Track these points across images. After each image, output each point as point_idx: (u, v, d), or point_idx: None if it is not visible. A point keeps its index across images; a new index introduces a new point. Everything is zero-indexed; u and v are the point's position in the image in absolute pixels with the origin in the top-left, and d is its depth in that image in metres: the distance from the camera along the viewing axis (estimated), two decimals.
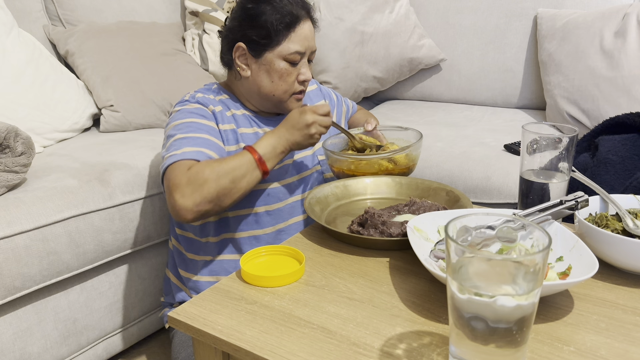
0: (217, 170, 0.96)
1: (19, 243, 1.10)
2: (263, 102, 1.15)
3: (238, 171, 0.98)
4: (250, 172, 0.99)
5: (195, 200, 0.95)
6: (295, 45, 1.09)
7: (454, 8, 1.96)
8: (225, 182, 0.97)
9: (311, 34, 1.12)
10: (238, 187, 0.99)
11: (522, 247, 0.56)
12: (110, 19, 1.85)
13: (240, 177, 0.98)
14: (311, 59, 1.15)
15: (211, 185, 0.95)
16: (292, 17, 1.08)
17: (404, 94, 2.11)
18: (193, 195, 0.95)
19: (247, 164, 0.99)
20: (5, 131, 1.14)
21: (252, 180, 1.00)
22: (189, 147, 1.01)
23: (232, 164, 0.98)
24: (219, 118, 1.12)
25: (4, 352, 1.14)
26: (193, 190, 0.95)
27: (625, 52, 1.50)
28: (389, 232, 0.87)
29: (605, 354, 0.62)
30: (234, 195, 0.99)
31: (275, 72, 1.10)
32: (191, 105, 1.11)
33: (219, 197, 0.97)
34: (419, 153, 1.17)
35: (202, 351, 0.74)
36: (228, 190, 0.97)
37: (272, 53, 1.09)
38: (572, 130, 0.88)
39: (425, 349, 0.64)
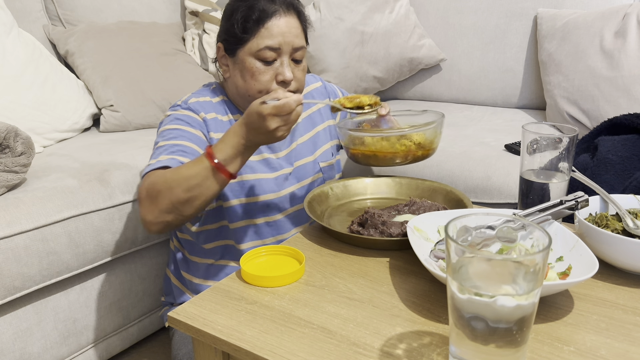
0: (169, 181, 0.92)
1: (18, 243, 1.10)
2: (244, 102, 1.10)
3: (193, 180, 0.91)
4: (208, 179, 0.91)
5: (154, 213, 0.93)
6: (265, 40, 1.02)
7: (454, 8, 1.96)
8: (179, 192, 0.91)
9: (290, 30, 1.04)
10: (196, 196, 0.92)
11: (522, 247, 0.56)
12: (110, 19, 1.85)
13: (196, 185, 0.91)
14: (296, 57, 1.07)
15: (165, 196, 0.92)
16: (261, 12, 1.02)
17: (404, 94, 2.11)
18: (151, 208, 0.93)
19: (203, 172, 0.91)
20: (5, 131, 1.14)
21: (214, 186, 0.93)
22: (164, 155, 0.99)
23: (187, 172, 0.92)
24: (211, 126, 1.08)
25: (4, 352, 1.14)
26: (150, 202, 0.93)
27: (625, 52, 1.50)
28: (389, 232, 0.87)
29: (606, 354, 0.62)
30: (195, 203, 0.93)
31: (247, 71, 1.04)
32: (181, 111, 1.08)
33: (176, 207, 0.92)
34: (441, 132, 1.09)
35: (202, 351, 0.74)
36: (184, 199, 0.92)
37: (242, 51, 1.04)
38: (572, 130, 0.88)
39: (425, 349, 0.64)
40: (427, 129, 1.05)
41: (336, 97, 1.34)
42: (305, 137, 1.22)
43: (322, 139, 1.25)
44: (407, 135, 1.06)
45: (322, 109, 1.27)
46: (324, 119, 1.27)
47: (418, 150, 1.06)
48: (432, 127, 1.05)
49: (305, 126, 1.23)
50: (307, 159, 1.20)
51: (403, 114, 1.24)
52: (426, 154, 1.09)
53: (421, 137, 1.07)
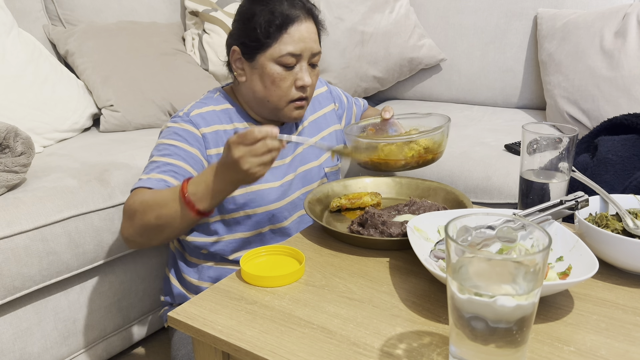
0: (145, 204, 0.90)
1: (18, 243, 1.10)
2: (260, 109, 1.09)
3: (164, 209, 0.89)
4: (177, 212, 0.89)
5: (129, 231, 0.93)
6: (287, 46, 1.01)
7: (454, 8, 1.96)
8: (151, 219, 0.90)
9: (310, 36, 1.04)
10: (164, 225, 0.90)
11: (522, 247, 0.56)
12: (110, 19, 1.85)
13: (166, 215, 0.89)
14: (313, 62, 1.07)
15: (138, 218, 0.91)
16: (284, 17, 1.01)
17: (404, 94, 2.11)
18: (126, 225, 0.94)
19: (174, 203, 0.89)
20: (5, 131, 1.13)
21: (181, 219, 0.90)
22: (155, 173, 0.98)
23: (161, 199, 0.90)
24: (210, 141, 1.06)
25: (4, 352, 1.14)
26: (126, 219, 0.94)
27: (625, 52, 1.50)
28: (389, 232, 0.87)
29: (605, 354, 0.62)
30: (163, 233, 0.92)
31: (268, 77, 1.03)
32: (181, 124, 1.05)
33: (146, 231, 0.92)
34: (448, 135, 1.09)
35: (202, 351, 0.74)
36: (154, 226, 0.91)
37: (264, 56, 1.02)
38: (572, 130, 0.88)
39: (425, 349, 0.64)
40: (435, 133, 1.05)
41: (341, 102, 1.33)
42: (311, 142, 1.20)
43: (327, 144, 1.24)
44: (416, 140, 1.06)
45: (328, 113, 1.27)
46: (329, 124, 1.26)
47: (427, 155, 1.07)
48: (440, 132, 1.05)
49: (311, 130, 1.22)
50: (313, 164, 1.19)
51: (407, 117, 1.23)
52: (434, 157, 1.09)
53: (429, 142, 1.07)
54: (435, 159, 1.10)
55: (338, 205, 1.03)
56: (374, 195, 1.05)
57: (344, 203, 1.02)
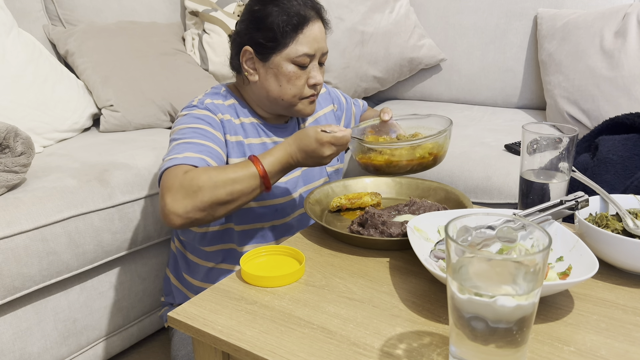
0: (214, 179, 0.91)
1: (18, 243, 1.10)
2: (273, 106, 1.11)
3: (238, 185, 0.92)
4: (251, 187, 0.93)
5: (186, 207, 0.90)
6: (303, 47, 1.04)
7: (454, 8, 1.96)
8: (222, 194, 0.91)
9: (321, 35, 1.07)
10: (235, 199, 0.93)
11: (522, 247, 0.56)
12: (110, 19, 1.85)
13: (239, 190, 0.92)
14: (322, 61, 1.10)
15: (205, 194, 0.90)
16: (300, 17, 1.03)
17: (404, 94, 2.11)
18: (184, 201, 0.90)
19: (249, 178, 0.93)
20: (5, 131, 1.13)
21: (253, 194, 0.95)
22: (191, 152, 0.97)
23: (233, 175, 0.92)
24: (227, 128, 1.08)
25: (4, 352, 1.14)
26: (185, 195, 0.90)
27: (625, 52, 1.50)
28: (389, 232, 0.87)
29: (606, 354, 0.62)
30: (230, 207, 0.94)
31: (284, 76, 1.05)
32: (199, 110, 1.07)
33: (213, 207, 0.92)
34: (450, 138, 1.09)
35: (202, 351, 0.74)
36: (224, 201, 0.92)
37: (279, 56, 1.04)
38: (572, 130, 0.88)
39: (425, 349, 0.63)
40: (440, 136, 1.04)
41: (340, 103, 1.33)
42: None
43: None
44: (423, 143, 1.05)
45: (327, 114, 1.27)
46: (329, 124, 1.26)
47: (429, 157, 1.06)
48: (444, 135, 1.05)
49: None
50: None
51: (407, 118, 1.22)
52: (436, 161, 1.08)
53: (433, 145, 1.06)
54: (437, 163, 1.08)
55: (338, 205, 1.03)
56: (374, 195, 1.05)
57: (344, 203, 1.03)
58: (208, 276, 1.17)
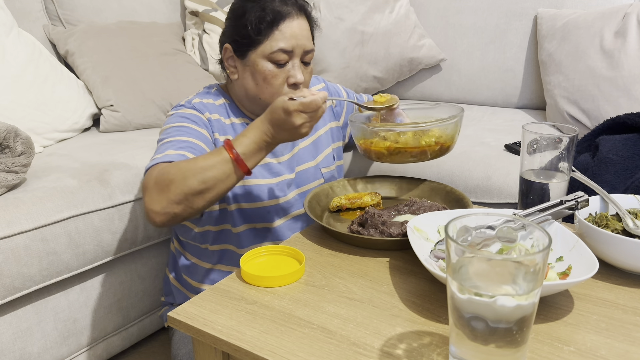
0: (184, 170, 0.89)
1: (18, 243, 1.10)
2: (253, 106, 1.09)
3: (210, 172, 0.89)
4: (226, 172, 0.90)
5: (162, 203, 0.89)
6: (278, 43, 1.01)
7: (454, 8, 1.96)
8: (194, 183, 0.89)
9: (302, 32, 1.03)
10: (211, 188, 0.90)
11: (522, 247, 0.56)
12: (110, 19, 1.85)
13: (212, 177, 0.89)
14: (306, 60, 1.06)
15: (177, 186, 0.88)
16: (275, 13, 1.01)
17: (404, 94, 2.11)
18: (159, 198, 0.89)
19: (222, 164, 0.90)
20: (5, 131, 1.13)
21: (228, 180, 0.91)
22: (171, 150, 0.96)
23: (204, 163, 0.90)
24: (216, 127, 1.07)
25: (4, 352, 1.14)
26: (159, 192, 0.89)
27: (625, 52, 1.50)
28: (389, 232, 0.87)
29: (606, 354, 0.62)
30: (207, 196, 0.91)
31: (259, 74, 1.03)
32: (185, 110, 1.06)
33: (188, 198, 0.89)
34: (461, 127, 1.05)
35: (202, 351, 0.74)
36: (198, 191, 0.89)
37: (255, 53, 1.02)
38: (572, 130, 0.88)
39: (425, 349, 0.63)
40: (449, 122, 1.01)
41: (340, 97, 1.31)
42: (307, 141, 1.20)
43: (323, 143, 1.23)
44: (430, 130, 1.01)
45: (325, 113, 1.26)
46: (325, 122, 1.25)
47: (435, 146, 1.03)
48: (454, 122, 1.01)
49: None
50: (309, 164, 1.19)
51: (415, 107, 1.19)
52: (442, 150, 1.05)
53: (441, 132, 1.03)
54: (443, 153, 1.05)
55: (338, 205, 1.03)
56: (374, 195, 1.05)
57: (344, 203, 1.02)
58: (206, 277, 1.17)
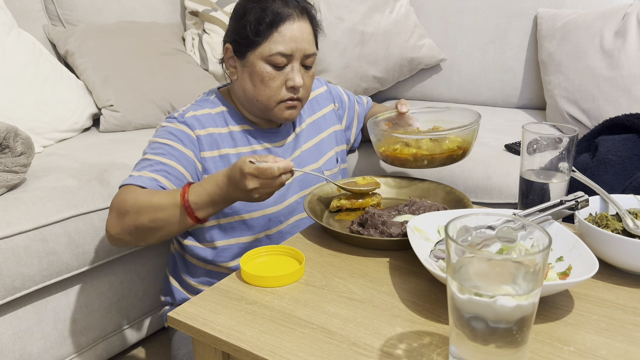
0: (139, 204, 0.90)
1: (18, 243, 1.10)
2: (251, 108, 1.08)
3: (160, 212, 0.90)
4: (175, 217, 0.90)
5: (116, 228, 0.93)
6: (277, 45, 0.99)
7: (454, 8, 1.96)
8: (144, 220, 0.90)
9: (303, 36, 1.02)
10: (159, 228, 0.92)
11: (522, 247, 0.56)
12: (110, 19, 1.85)
13: (162, 219, 0.90)
14: (306, 63, 1.04)
15: (130, 217, 0.91)
16: (275, 15, 0.99)
17: (404, 94, 2.11)
18: (115, 222, 0.93)
19: (173, 207, 0.90)
20: (5, 131, 1.13)
21: (177, 224, 0.91)
22: (147, 171, 0.97)
23: (158, 202, 0.90)
24: (205, 144, 1.05)
25: (4, 352, 1.14)
26: (116, 216, 0.93)
27: (625, 52, 1.50)
28: (389, 232, 0.87)
29: (606, 354, 0.62)
30: (157, 234, 0.93)
31: (257, 75, 1.02)
32: (176, 124, 1.05)
33: (138, 233, 0.92)
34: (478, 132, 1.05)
35: (202, 351, 0.74)
36: (147, 228, 0.91)
37: (253, 54, 1.01)
38: (572, 130, 0.88)
39: (425, 349, 0.63)
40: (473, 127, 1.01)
41: (341, 101, 1.31)
42: (310, 144, 1.20)
43: (326, 146, 1.22)
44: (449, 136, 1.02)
45: (327, 114, 1.25)
46: (328, 125, 1.24)
47: (458, 151, 1.05)
48: (473, 128, 1.02)
49: (310, 132, 1.20)
50: (312, 167, 1.18)
51: (425, 111, 1.19)
52: (465, 154, 1.06)
53: (464, 137, 1.03)
54: (464, 156, 1.06)
55: (338, 205, 1.03)
56: (374, 195, 1.04)
57: (344, 203, 1.02)
58: (207, 277, 1.17)
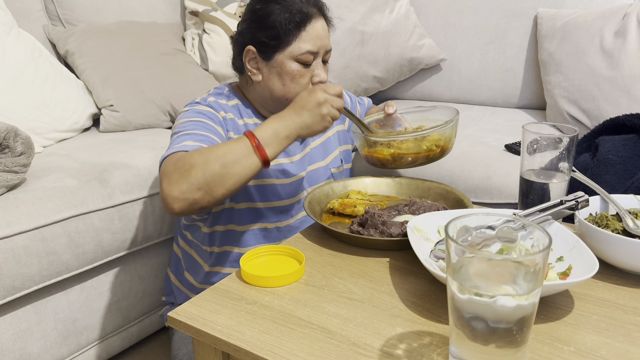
0: (205, 155, 0.89)
1: (18, 243, 1.10)
2: (277, 106, 1.09)
3: (230, 155, 0.89)
4: (245, 157, 0.90)
5: (181, 188, 0.87)
6: (306, 44, 1.04)
7: (454, 8, 1.96)
8: (215, 167, 0.88)
9: (324, 33, 1.06)
10: (231, 173, 0.89)
11: (522, 247, 0.56)
12: (110, 19, 1.85)
13: (232, 161, 0.89)
14: (326, 59, 1.10)
15: (198, 170, 0.87)
16: (302, 15, 1.03)
17: (404, 94, 2.11)
18: (179, 182, 0.88)
19: (242, 149, 0.90)
20: (5, 131, 1.13)
21: (248, 167, 0.90)
22: (190, 141, 0.96)
23: (225, 148, 0.90)
24: (230, 126, 1.08)
25: (4, 352, 1.14)
26: (179, 177, 0.88)
27: (625, 52, 1.50)
28: (389, 232, 0.87)
29: (606, 354, 0.62)
30: (227, 183, 0.89)
31: (287, 74, 1.05)
32: (202, 106, 1.07)
33: (208, 183, 0.88)
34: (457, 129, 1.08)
35: (202, 351, 0.74)
36: (218, 176, 0.88)
37: (282, 54, 1.04)
38: (572, 130, 0.88)
39: (425, 349, 0.63)
40: (446, 127, 1.03)
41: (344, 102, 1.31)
42: (317, 142, 1.22)
43: (332, 145, 1.25)
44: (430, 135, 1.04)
45: None
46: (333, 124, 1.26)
47: (436, 150, 1.06)
48: (451, 125, 1.04)
49: None
50: (320, 164, 1.20)
51: (412, 110, 1.21)
52: (444, 152, 1.08)
53: (440, 136, 1.05)
54: (444, 154, 1.08)
55: (331, 207, 1.02)
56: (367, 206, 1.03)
57: (336, 207, 1.02)
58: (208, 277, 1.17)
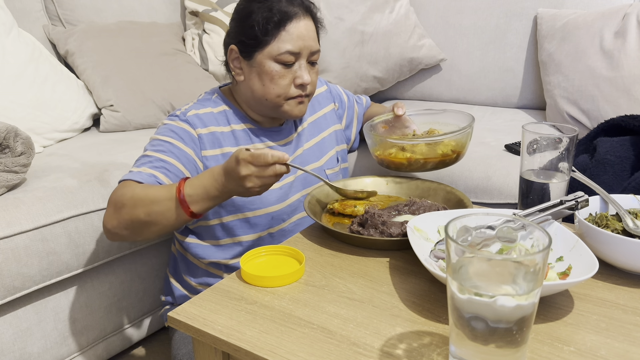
0: (136, 198, 0.90)
1: (18, 243, 1.10)
2: (259, 107, 1.08)
3: (156, 206, 0.90)
4: (170, 210, 0.90)
5: (113, 223, 0.93)
6: (286, 44, 1.01)
7: (454, 8, 1.96)
8: (140, 213, 0.90)
9: (308, 34, 1.03)
10: (154, 221, 0.91)
11: (522, 247, 0.56)
12: (110, 19, 1.85)
13: (157, 212, 0.90)
14: (312, 60, 1.06)
15: (126, 212, 0.91)
16: (282, 14, 1.00)
17: (404, 94, 2.11)
18: (112, 217, 0.93)
19: (168, 202, 0.90)
20: (5, 131, 1.13)
21: (174, 219, 0.91)
22: (147, 167, 0.97)
23: (154, 195, 0.90)
24: (206, 142, 1.05)
25: (4, 352, 1.14)
26: (113, 211, 0.93)
27: (625, 52, 1.50)
28: (389, 232, 0.87)
29: (606, 354, 0.62)
30: (152, 229, 0.92)
31: (266, 75, 1.02)
32: (178, 122, 1.05)
33: (134, 227, 0.92)
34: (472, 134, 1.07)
35: (202, 351, 0.74)
36: (143, 222, 0.91)
37: (261, 54, 1.02)
38: (572, 130, 0.88)
39: (425, 349, 0.64)
40: (464, 132, 1.02)
41: (341, 101, 1.31)
42: (311, 143, 1.20)
43: (327, 145, 1.23)
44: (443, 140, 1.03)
45: (328, 114, 1.26)
46: (329, 124, 1.25)
47: (452, 155, 1.06)
48: (467, 132, 1.03)
49: (311, 131, 1.21)
50: (314, 165, 1.18)
51: (422, 113, 1.20)
52: (458, 158, 1.07)
53: (457, 141, 1.04)
54: (458, 159, 1.07)
55: (331, 207, 1.02)
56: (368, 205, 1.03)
57: (336, 207, 1.02)
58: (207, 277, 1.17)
